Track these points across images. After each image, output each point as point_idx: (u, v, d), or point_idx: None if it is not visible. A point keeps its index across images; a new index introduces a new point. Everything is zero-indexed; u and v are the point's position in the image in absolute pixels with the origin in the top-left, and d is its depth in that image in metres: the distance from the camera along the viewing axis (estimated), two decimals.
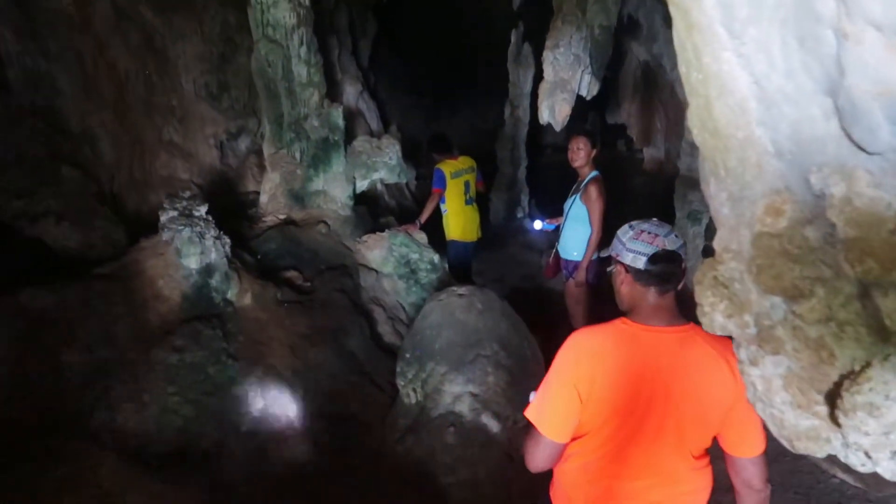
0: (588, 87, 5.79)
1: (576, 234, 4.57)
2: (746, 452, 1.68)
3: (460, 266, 5.93)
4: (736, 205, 1.01)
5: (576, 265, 4.58)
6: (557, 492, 1.87)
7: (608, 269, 1.89)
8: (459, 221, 5.75)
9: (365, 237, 5.52)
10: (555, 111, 5.61)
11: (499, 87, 9.47)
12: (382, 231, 5.54)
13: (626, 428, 1.68)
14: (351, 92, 8.05)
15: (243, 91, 6.48)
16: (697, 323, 1.44)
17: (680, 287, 1.75)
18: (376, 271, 5.36)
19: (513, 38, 7.76)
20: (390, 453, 3.73)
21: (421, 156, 11.14)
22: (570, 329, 2.52)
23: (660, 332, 1.68)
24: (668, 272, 1.68)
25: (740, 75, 0.89)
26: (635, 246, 1.70)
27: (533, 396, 1.78)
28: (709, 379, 1.63)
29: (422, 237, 5.42)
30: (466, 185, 5.74)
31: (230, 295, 4.13)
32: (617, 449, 1.70)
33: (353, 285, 5.08)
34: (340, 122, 5.68)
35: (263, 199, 5.95)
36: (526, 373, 3.76)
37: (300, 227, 5.50)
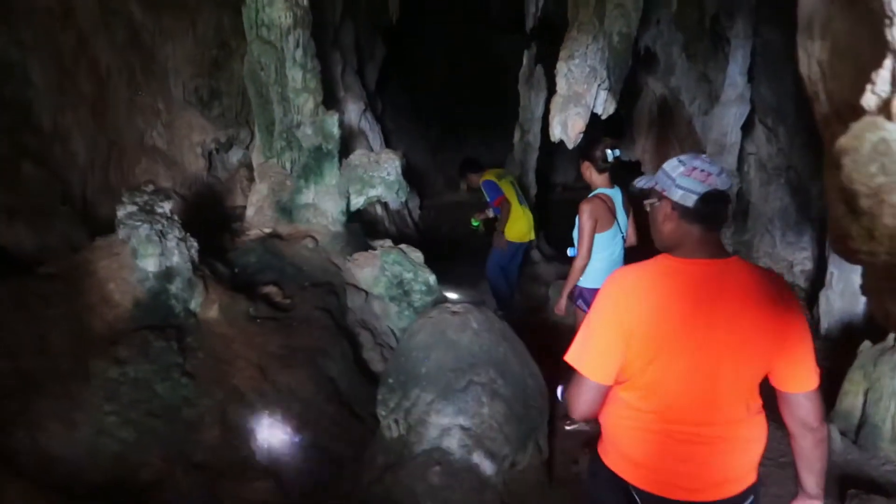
0: (604, 104, 5.36)
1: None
2: (800, 387, 1.60)
3: (514, 272, 6.05)
4: None
5: (580, 291, 4.01)
6: (611, 443, 1.75)
7: (648, 202, 1.74)
8: (520, 220, 5.76)
9: (356, 255, 5.03)
10: (567, 127, 5.17)
11: (508, 119, 9.09)
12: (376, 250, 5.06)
13: (676, 364, 1.58)
14: (353, 110, 7.67)
15: (236, 99, 6.09)
16: None
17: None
18: (366, 292, 4.86)
19: (525, 60, 7.39)
20: (366, 494, 3.17)
21: (426, 186, 10.78)
22: None
23: (705, 264, 1.61)
24: (718, 212, 1.64)
25: None
26: (686, 183, 1.61)
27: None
28: (755, 309, 1.56)
29: (417, 256, 4.93)
30: (513, 184, 5.88)
31: (193, 305, 3.63)
32: (668, 387, 1.60)
33: (338, 305, 4.57)
34: (335, 130, 5.24)
35: (250, 211, 5.50)
36: (527, 405, 3.22)
37: (285, 241, 5.02)
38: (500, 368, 3.18)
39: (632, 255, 4.11)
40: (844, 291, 5.52)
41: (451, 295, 5.31)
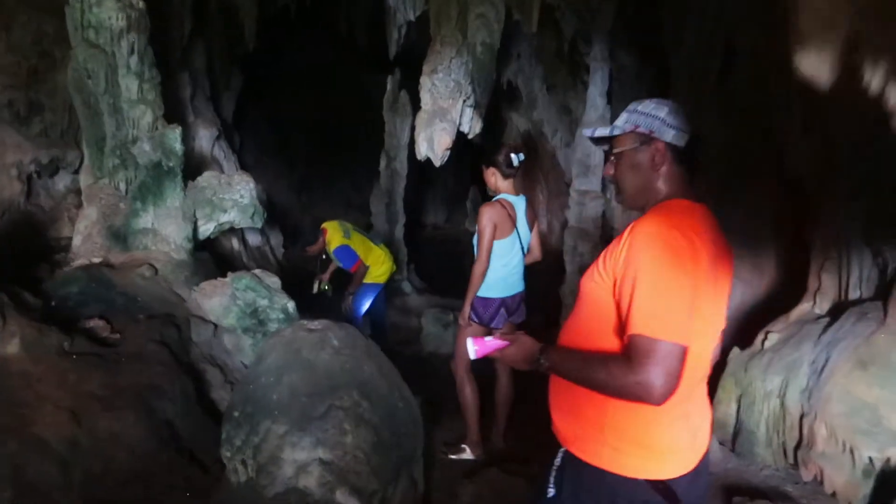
0: (471, 122, 5.21)
1: None
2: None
3: (381, 309, 5.84)
4: None
5: (480, 302, 3.66)
6: (626, 440, 1.44)
7: (622, 149, 1.52)
8: (383, 262, 5.59)
9: (203, 283, 4.44)
10: (434, 143, 4.95)
11: (378, 153, 8.83)
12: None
13: (711, 318, 1.45)
14: (205, 136, 7.05)
15: (62, 116, 5.35)
16: None
17: None
18: (215, 324, 4.28)
19: (389, 85, 7.17)
20: None
21: (288, 226, 10.22)
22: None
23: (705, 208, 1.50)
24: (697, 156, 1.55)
25: None
26: (678, 122, 1.47)
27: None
28: (729, 253, 1.54)
29: (274, 281, 4.42)
30: (360, 231, 5.71)
31: None
32: (701, 346, 1.44)
33: (178, 339, 3.96)
34: (178, 145, 4.67)
35: (76, 240, 4.76)
36: (397, 432, 2.81)
37: (117, 270, 4.35)
38: (364, 390, 2.76)
39: (533, 270, 3.86)
40: None
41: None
